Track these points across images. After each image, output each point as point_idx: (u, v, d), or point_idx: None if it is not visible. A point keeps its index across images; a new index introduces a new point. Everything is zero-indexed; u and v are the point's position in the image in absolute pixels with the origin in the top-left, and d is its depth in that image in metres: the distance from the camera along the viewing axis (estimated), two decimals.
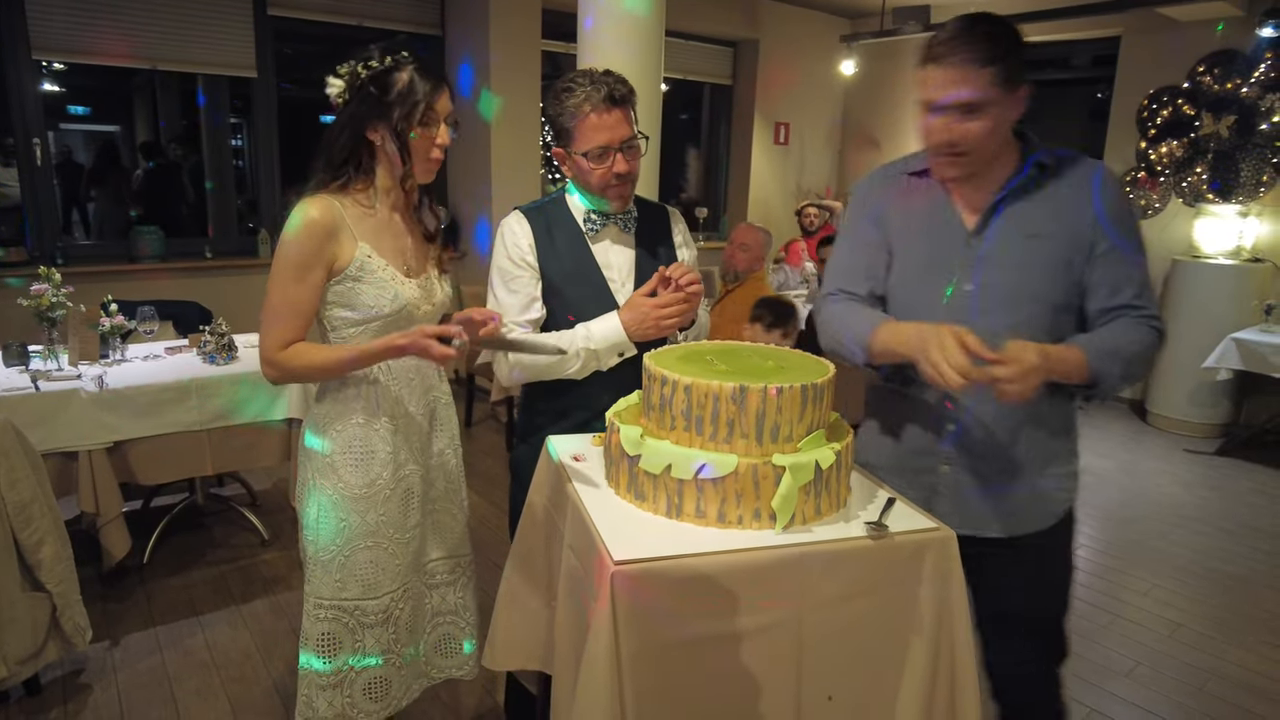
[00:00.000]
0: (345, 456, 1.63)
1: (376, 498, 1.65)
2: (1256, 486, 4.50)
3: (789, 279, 5.85)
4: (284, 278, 1.54)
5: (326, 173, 1.58)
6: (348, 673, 1.67)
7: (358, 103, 1.54)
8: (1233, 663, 2.78)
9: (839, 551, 1.31)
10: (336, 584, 1.64)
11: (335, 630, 1.66)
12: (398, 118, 1.53)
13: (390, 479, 1.66)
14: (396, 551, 1.69)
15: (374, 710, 1.71)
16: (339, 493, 1.63)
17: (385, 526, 1.66)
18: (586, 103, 1.64)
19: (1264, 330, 4.84)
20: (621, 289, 1.79)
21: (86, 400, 2.73)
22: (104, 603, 2.89)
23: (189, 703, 2.40)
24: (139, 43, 4.51)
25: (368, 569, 1.65)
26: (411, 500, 1.71)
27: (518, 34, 5.37)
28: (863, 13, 7.09)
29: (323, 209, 1.54)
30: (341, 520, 1.63)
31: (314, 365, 1.56)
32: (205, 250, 4.92)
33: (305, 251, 1.53)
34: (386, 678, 1.72)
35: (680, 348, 1.59)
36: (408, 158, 1.57)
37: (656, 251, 1.86)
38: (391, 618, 1.70)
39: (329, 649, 1.66)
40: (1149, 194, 5.70)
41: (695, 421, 1.35)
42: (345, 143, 1.57)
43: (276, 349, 1.55)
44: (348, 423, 1.64)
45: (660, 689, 1.26)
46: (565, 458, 1.58)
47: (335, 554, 1.64)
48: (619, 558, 1.21)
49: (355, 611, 1.66)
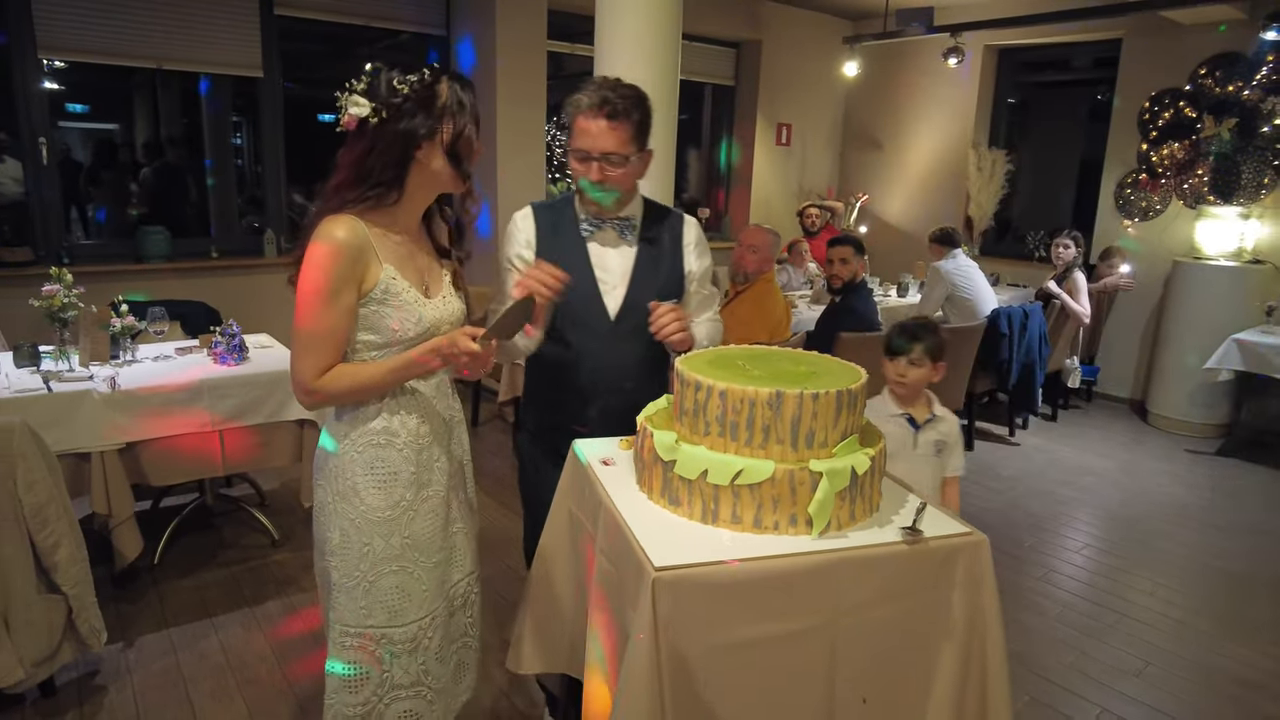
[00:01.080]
0: (367, 478, 1.56)
1: (400, 520, 1.58)
2: (1257, 487, 4.53)
3: (792, 279, 5.87)
4: (315, 303, 1.45)
5: (354, 191, 1.48)
6: (375, 705, 1.60)
7: (401, 120, 1.44)
8: (1239, 662, 2.81)
9: (874, 556, 1.33)
10: (362, 610, 1.57)
11: (362, 659, 1.58)
12: (453, 134, 1.47)
13: (414, 499, 1.60)
14: (423, 576, 1.61)
15: None
16: (362, 516, 1.56)
17: (410, 550, 1.59)
18: (580, 104, 1.70)
19: (1265, 331, 4.87)
20: (613, 291, 1.82)
21: (99, 401, 2.72)
22: (117, 604, 2.88)
23: (204, 705, 2.40)
24: (144, 42, 4.49)
25: (393, 595, 1.58)
26: (436, 519, 1.64)
27: (524, 34, 5.37)
28: (865, 14, 7.11)
29: (349, 230, 1.46)
30: (365, 545, 1.56)
31: (359, 385, 1.50)
32: (211, 250, 4.91)
33: (335, 275, 1.45)
34: (418, 712, 1.64)
35: (710, 352, 1.60)
36: (464, 174, 1.52)
37: (660, 258, 1.88)
38: (421, 646, 1.62)
39: (356, 680, 1.59)
40: (1150, 195, 5.74)
41: (730, 427, 1.35)
42: (391, 163, 1.46)
43: (313, 377, 1.47)
44: (365, 444, 1.57)
45: (698, 693, 1.27)
46: (595, 462, 1.59)
47: (360, 579, 1.57)
48: (659, 564, 1.22)
49: (382, 640, 1.58)
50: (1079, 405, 5.97)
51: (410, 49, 5.70)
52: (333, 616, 1.60)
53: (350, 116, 1.44)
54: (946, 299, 4.89)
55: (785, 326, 3.67)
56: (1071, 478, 4.52)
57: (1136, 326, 5.95)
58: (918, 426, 2.25)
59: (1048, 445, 5.07)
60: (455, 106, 1.47)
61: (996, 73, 6.80)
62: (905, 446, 2.24)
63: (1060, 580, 3.35)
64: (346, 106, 1.43)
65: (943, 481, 2.29)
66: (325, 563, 1.61)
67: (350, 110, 1.43)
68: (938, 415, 2.28)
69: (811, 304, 5.07)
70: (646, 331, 1.77)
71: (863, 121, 7.55)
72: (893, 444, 2.21)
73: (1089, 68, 6.65)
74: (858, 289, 4.09)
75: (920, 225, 6.72)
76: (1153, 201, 5.74)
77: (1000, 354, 4.70)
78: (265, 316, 4.54)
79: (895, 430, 2.25)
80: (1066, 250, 5.35)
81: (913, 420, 2.25)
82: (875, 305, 4.27)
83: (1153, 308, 5.81)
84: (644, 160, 1.81)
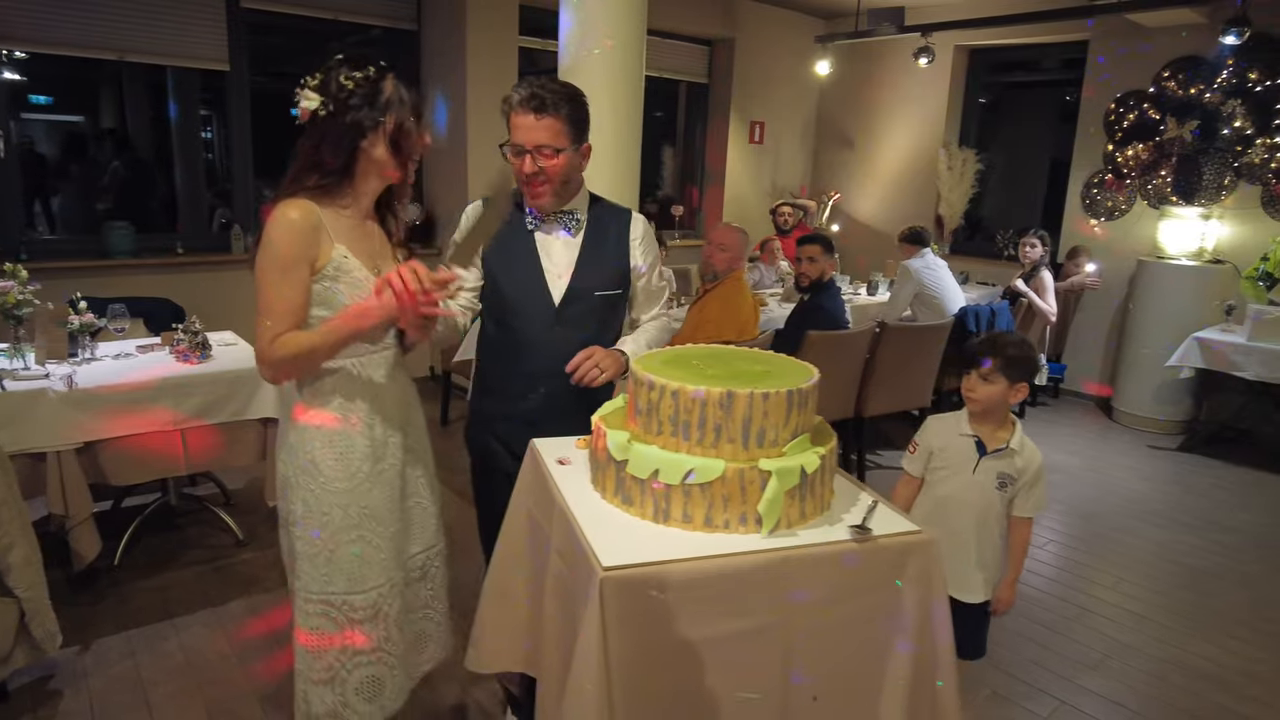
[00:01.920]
0: (326, 451, 1.65)
1: (358, 490, 1.67)
2: (1217, 482, 4.62)
3: (764, 277, 5.89)
4: (271, 278, 1.55)
5: (310, 178, 1.59)
6: (339, 670, 1.68)
7: (348, 113, 1.55)
8: (1195, 654, 2.87)
9: (823, 555, 1.34)
10: (323, 578, 1.66)
11: (324, 625, 1.67)
12: (394, 125, 1.58)
13: (371, 471, 1.69)
14: (381, 545, 1.70)
15: (367, 711, 1.71)
16: (321, 487, 1.65)
17: (368, 519, 1.68)
18: (511, 100, 1.78)
19: (1224, 330, 4.97)
20: (558, 281, 1.90)
21: (55, 400, 2.68)
22: (74, 607, 2.83)
23: (164, 707, 2.37)
24: (106, 33, 4.42)
25: (353, 563, 1.67)
26: (393, 491, 1.73)
27: (495, 30, 5.34)
28: (838, 13, 7.15)
29: (302, 210, 1.56)
30: (325, 515, 1.65)
31: (303, 348, 1.56)
32: (177, 246, 4.84)
33: (289, 250, 1.55)
34: (379, 677, 1.72)
35: (666, 351, 1.61)
36: (404, 163, 1.63)
37: (605, 250, 1.95)
38: (380, 614, 1.70)
39: (320, 645, 1.68)
40: (1116, 196, 5.82)
41: (682, 426, 1.36)
42: (339, 152, 1.58)
43: (267, 343, 1.56)
44: (326, 419, 1.66)
45: (648, 692, 1.27)
46: (550, 461, 1.59)
47: (321, 548, 1.66)
48: (607, 564, 1.22)
49: (343, 606, 1.67)
50: (1046, 403, 6.06)
51: (381, 43, 5.65)
52: (298, 585, 1.69)
53: (304, 109, 1.56)
54: (915, 297, 4.93)
55: (753, 325, 3.69)
56: None
57: (1103, 325, 6.04)
58: (984, 452, 2.06)
59: None
60: (398, 101, 1.58)
61: (967, 73, 6.87)
62: (965, 468, 2.08)
63: (1024, 575, 3.37)
64: (300, 100, 1.55)
65: (1011, 520, 2.11)
66: (290, 534, 1.70)
67: (303, 104, 1.55)
68: (1013, 448, 2.06)
69: (782, 302, 5.10)
70: (590, 318, 1.90)
71: (835, 120, 7.60)
72: (955, 460, 2.10)
73: (1058, 69, 6.74)
74: (826, 288, 4.11)
75: (892, 224, 6.77)
76: (1118, 201, 5.83)
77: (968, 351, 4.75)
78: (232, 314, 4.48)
79: (960, 447, 2.10)
80: (1033, 250, 5.42)
81: (981, 445, 2.07)
82: (844, 304, 4.30)
83: (1118, 306, 5.90)
84: (582, 154, 1.88)
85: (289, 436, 1.69)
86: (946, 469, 2.12)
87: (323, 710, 1.69)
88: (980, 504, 2.07)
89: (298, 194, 1.59)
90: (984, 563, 2.11)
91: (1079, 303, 6.03)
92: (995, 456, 2.06)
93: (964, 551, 2.08)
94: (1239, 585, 3.40)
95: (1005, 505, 2.09)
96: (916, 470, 2.18)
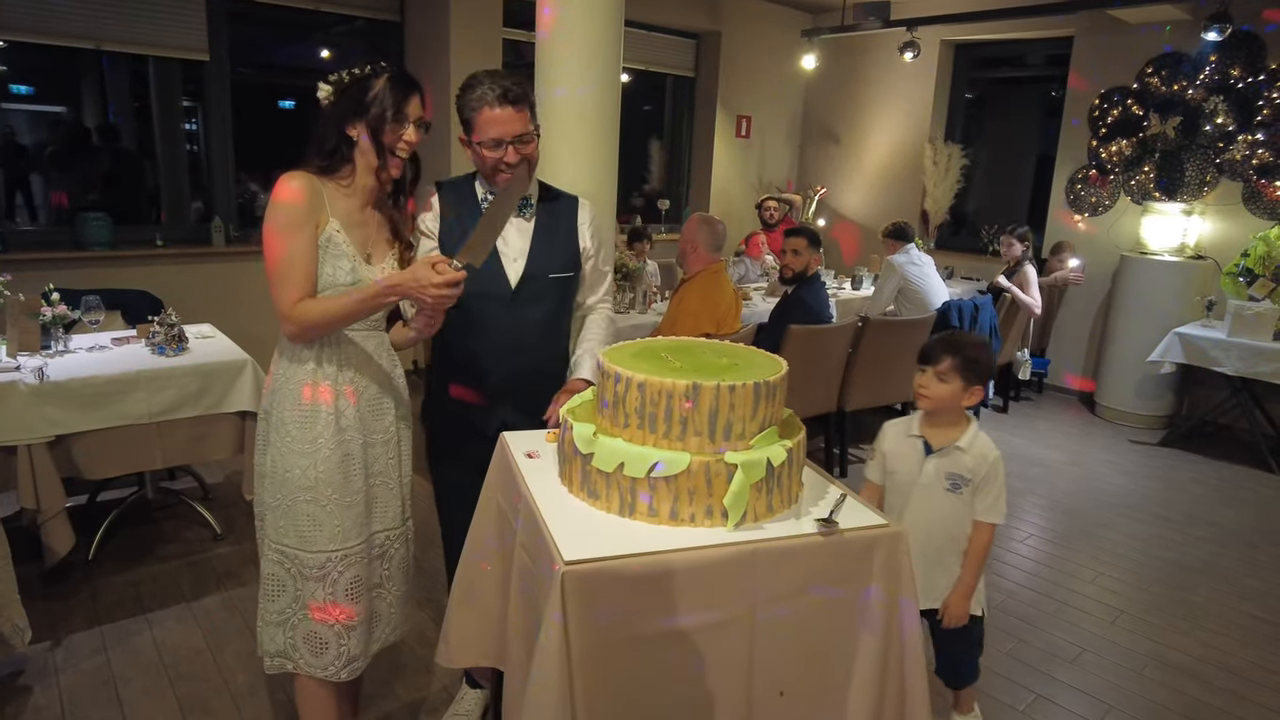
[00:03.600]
0: (292, 412, 1.77)
1: (317, 454, 1.77)
2: (1197, 476, 4.65)
3: (749, 271, 5.89)
4: (280, 236, 1.67)
5: (314, 160, 1.75)
6: (290, 616, 1.82)
7: (341, 102, 1.74)
8: (1172, 647, 2.88)
9: (790, 548, 1.33)
10: (280, 529, 1.80)
11: (279, 573, 1.81)
12: (372, 116, 1.73)
13: (331, 439, 1.78)
14: (335, 513, 1.79)
15: (314, 665, 1.84)
16: (286, 445, 1.77)
17: (323, 485, 1.77)
18: (484, 98, 1.84)
19: (1205, 325, 4.99)
20: (514, 263, 1.98)
21: (26, 392, 2.64)
22: (46, 602, 2.81)
23: (136, 703, 2.35)
24: (84, 22, 4.36)
25: (305, 522, 1.78)
26: (351, 465, 1.81)
27: (478, 21, 5.31)
28: (824, 8, 7.13)
29: (303, 178, 1.71)
30: (286, 471, 1.77)
31: (328, 313, 1.69)
32: (156, 238, 4.79)
33: (295, 210, 1.68)
34: (323, 637, 1.82)
35: (635, 344, 1.60)
36: (381, 151, 1.76)
37: (556, 234, 2.04)
38: (329, 578, 1.80)
39: (274, 587, 1.83)
40: (1100, 191, 5.84)
41: (649, 419, 1.35)
42: (330, 135, 1.75)
43: (291, 304, 1.67)
44: (297, 381, 1.77)
45: (611, 686, 1.26)
46: (519, 454, 1.58)
47: (281, 500, 1.79)
48: (569, 558, 1.21)
49: (295, 559, 1.80)
50: (1030, 397, 6.08)
51: (366, 35, 5.60)
52: (263, 531, 1.84)
53: (320, 98, 1.77)
54: (899, 292, 4.94)
55: (734, 318, 3.67)
56: (1019, 468, 4.60)
57: (1086, 320, 6.07)
58: (930, 451, 2.01)
59: (997, 437, 5.12)
60: (385, 96, 1.73)
61: (953, 68, 6.88)
62: (914, 470, 2.02)
63: (1004, 570, 3.41)
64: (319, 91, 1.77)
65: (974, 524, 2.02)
66: (262, 485, 1.85)
67: (318, 94, 1.77)
68: (960, 447, 1.99)
69: (766, 296, 5.09)
70: (545, 299, 2.00)
71: (822, 115, 7.59)
72: (904, 463, 2.04)
73: (1044, 64, 6.75)
74: (809, 282, 4.10)
75: (877, 218, 6.78)
76: (1102, 197, 5.85)
77: None
78: (211, 306, 4.45)
79: (908, 452, 2.04)
80: (1011, 248, 5.45)
81: (928, 445, 2.01)
82: (828, 299, 4.30)
83: (1101, 301, 5.92)
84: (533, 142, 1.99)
85: (268, 395, 1.83)
86: (897, 472, 2.08)
87: (273, 649, 1.84)
88: (929, 507, 2.01)
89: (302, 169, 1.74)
90: (946, 570, 2.05)
91: (1062, 298, 6.06)
92: (941, 455, 2.00)
93: (924, 559, 1.99)
94: (1217, 579, 3.42)
95: (965, 509, 2.02)
96: (876, 477, 2.13)
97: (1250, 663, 2.82)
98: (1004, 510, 2.01)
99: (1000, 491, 1.99)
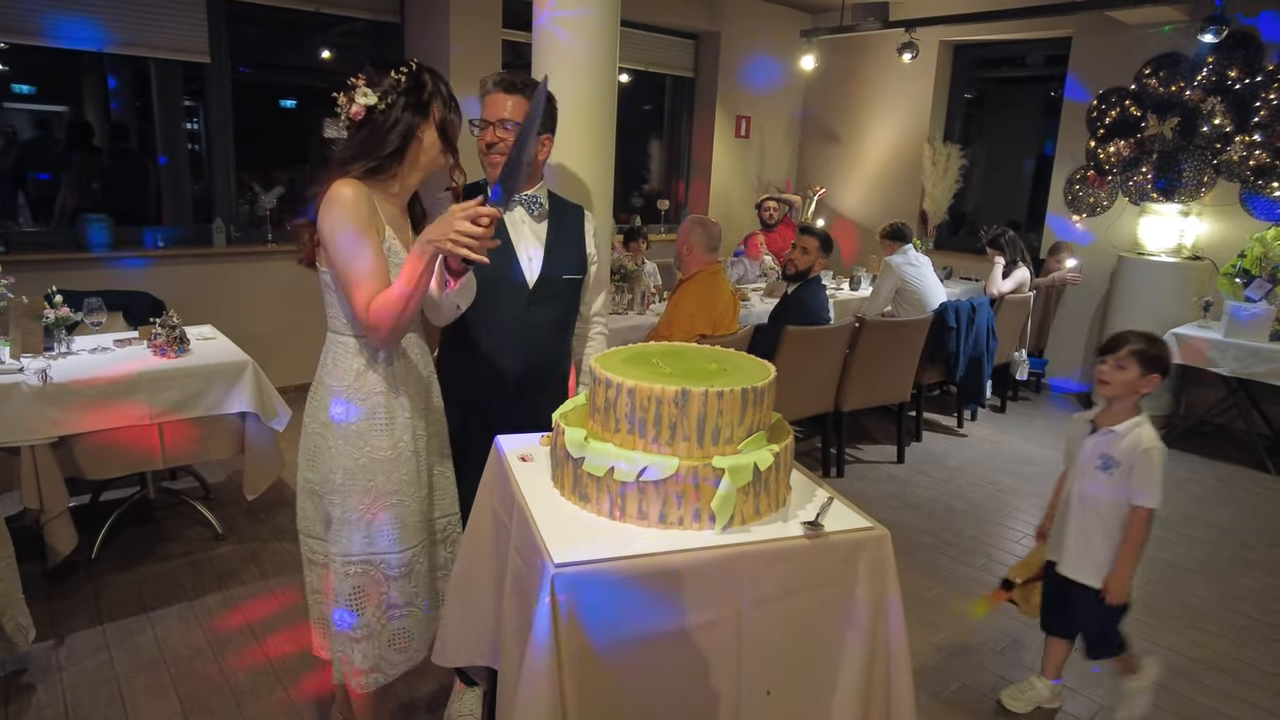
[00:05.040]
0: (372, 423, 1.77)
1: (400, 459, 1.80)
2: (1192, 476, 4.67)
3: (748, 271, 5.91)
4: (350, 242, 1.62)
5: (356, 166, 1.68)
6: (375, 626, 1.83)
7: (404, 105, 1.68)
8: (1165, 647, 2.90)
9: (776, 551, 1.36)
10: (365, 540, 1.79)
11: (364, 585, 1.81)
12: (439, 114, 1.73)
13: (409, 441, 1.82)
14: (415, 509, 1.84)
15: (399, 661, 1.88)
16: (367, 457, 1.77)
17: (406, 485, 1.82)
18: (486, 85, 1.99)
19: (1202, 326, 5.01)
20: (530, 263, 2.04)
21: (29, 394, 2.68)
22: (49, 600, 2.84)
23: (138, 701, 2.38)
24: (86, 25, 4.39)
25: (393, 525, 1.80)
26: (421, 460, 1.87)
27: (478, 22, 5.33)
28: (823, 8, 7.15)
29: (355, 187, 1.66)
30: (369, 481, 1.77)
31: (401, 297, 1.60)
32: (158, 239, 4.82)
33: (359, 217, 1.63)
34: (409, 630, 1.88)
35: (626, 349, 1.62)
36: (454, 150, 1.79)
37: (568, 238, 2.12)
38: (414, 571, 1.86)
39: (358, 602, 1.81)
40: (1098, 191, 5.86)
41: (639, 424, 1.37)
42: (396, 139, 1.69)
43: (365, 308, 1.63)
44: (371, 393, 1.77)
45: (602, 687, 1.29)
46: (513, 458, 1.60)
47: (364, 513, 1.78)
48: (559, 560, 1.24)
49: (382, 565, 1.81)
50: (1028, 397, 6.10)
51: (366, 35, 5.63)
52: (335, 550, 1.81)
53: (359, 106, 1.67)
54: (896, 293, 4.96)
55: (731, 319, 3.70)
56: (1015, 468, 4.63)
57: (1084, 320, 6.09)
58: (1093, 431, 2.20)
59: (994, 436, 5.18)
60: (439, 91, 1.74)
61: (952, 68, 6.89)
62: (1079, 450, 2.24)
63: (999, 569, 3.42)
64: (355, 99, 1.67)
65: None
66: (327, 501, 1.80)
67: (359, 101, 1.66)
68: (1116, 431, 2.16)
69: (765, 296, 5.12)
70: (558, 300, 2.09)
71: (821, 115, 7.61)
72: (1073, 447, 2.31)
73: (1042, 64, 6.76)
74: (810, 283, 4.13)
75: (876, 219, 6.79)
76: (1100, 198, 5.86)
77: (948, 346, 4.79)
78: (213, 307, 4.48)
79: (1077, 435, 2.27)
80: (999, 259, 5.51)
81: (1094, 426, 2.21)
82: (826, 300, 4.32)
83: (1099, 302, 5.94)
84: (544, 145, 2.06)
85: (329, 413, 1.78)
86: (1070, 454, 2.32)
87: (365, 666, 1.83)
88: (1084, 482, 2.21)
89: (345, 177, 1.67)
90: (1089, 546, 2.24)
91: (1060, 298, 6.07)
92: (1099, 435, 2.19)
93: (1076, 532, 2.26)
94: (1211, 579, 3.44)
95: (1115, 491, 2.18)
96: (1065, 461, 2.40)
97: (1245, 663, 2.84)
98: (1157, 496, 2.17)
99: (1152, 478, 2.15)
